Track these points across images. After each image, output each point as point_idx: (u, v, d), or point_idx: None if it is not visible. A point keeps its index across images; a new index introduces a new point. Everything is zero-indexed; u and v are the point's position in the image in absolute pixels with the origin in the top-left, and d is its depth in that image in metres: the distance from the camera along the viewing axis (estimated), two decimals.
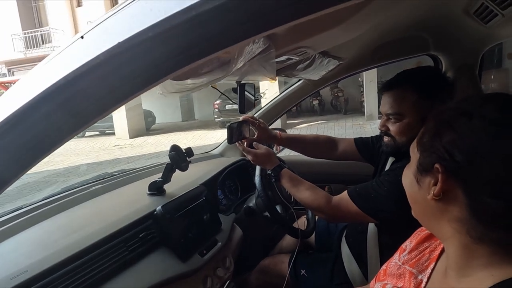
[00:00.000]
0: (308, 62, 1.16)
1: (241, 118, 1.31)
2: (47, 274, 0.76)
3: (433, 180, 0.51)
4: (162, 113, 16.06)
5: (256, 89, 1.29)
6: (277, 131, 1.43)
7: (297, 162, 1.78)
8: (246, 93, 1.11)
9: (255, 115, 1.75)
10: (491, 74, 11.37)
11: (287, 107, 1.70)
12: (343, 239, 1.28)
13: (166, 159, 1.20)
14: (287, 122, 11.27)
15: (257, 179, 1.26)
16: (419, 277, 0.62)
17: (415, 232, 0.71)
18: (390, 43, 1.37)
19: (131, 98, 0.40)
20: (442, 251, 0.61)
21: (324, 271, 1.24)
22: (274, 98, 1.71)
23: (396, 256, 0.72)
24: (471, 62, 1.36)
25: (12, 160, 0.43)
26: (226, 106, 11.74)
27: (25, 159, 0.42)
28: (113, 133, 13.85)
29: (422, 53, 1.43)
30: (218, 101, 13.43)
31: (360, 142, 1.38)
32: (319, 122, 11.20)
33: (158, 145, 10.56)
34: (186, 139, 11.13)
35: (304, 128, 10.27)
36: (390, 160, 1.18)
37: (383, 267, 0.74)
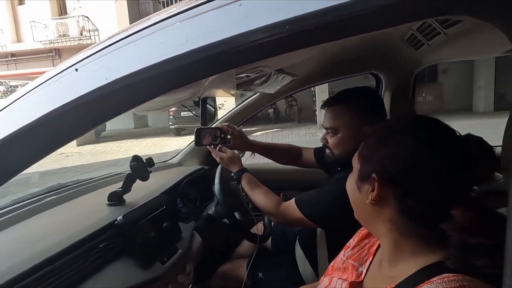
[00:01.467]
0: (264, 78, 1.25)
1: (218, 125, 1.39)
2: (12, 283, 0.76)
3: (371, 187, 0.61)
4: (112, 120, 15.39)
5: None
6: (253, 139, 1.53)
7: (257, 169, 1.86)
8: (207, 106, 1.17)
9: (216, 123, 1.81)
10: (427, 87, 12.51)
11: (244, 117, 1.79)
12: (297, 242, 1.38)
13: (118, 169, 1.22)
14: (243, 130, 11.39)
15: (216, 187, 1.32)
16: (360, 269, 0.72)
17: (358, 231, 0.82)
18: (338, 63, 1.51)
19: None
20: (379, 246, 0.72)
21: (280, 272, 1.32)
22: (232, 109, 1.79)
23: (342, 252, 0.82)
24: (405, 80, 1.55)
25: None
26: (182, 113, 11.59)
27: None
28: None
29: (365, 72, 1.60)
30: (173, 108, 13.21)
31: (318, 152, 1.51)
32: (274, 130, 11.47)
33: (109, 153, 10.12)
34: (139, 147, 10.79)
35: (259, 136, 10.46)
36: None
37: (331, 263, 0.84)
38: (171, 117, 12.10)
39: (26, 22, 10.37)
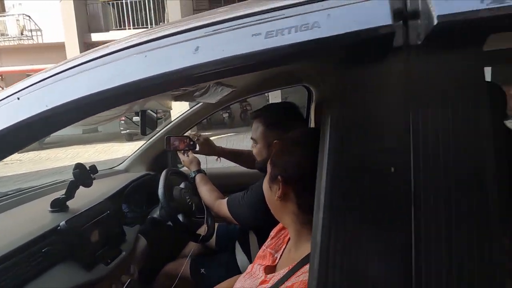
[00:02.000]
0: (203, 90, 1.37)
1: (188, 133, 1.60)
2: None
3: (277, 186, 0.76)
4: None
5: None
6: (221, 146, 1.72)
7: (218, 173, 1.99)
8: (148, 114, 1.26)
9: (164, 129, 1.91)
10: None
11: (190, 124, 1.89)
12: (237, 239, 1.51)
13: (63, 176, 1.27)
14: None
15: (160, 191, 1.41)
16: (275, 255, 0.86)
17: (278, 224, 0.97)
18: (273, 76, 1.67)
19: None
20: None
21: (220, 268, 1.44)
22: (183, 113, 1.89)
23: (265, 243, 0.96)
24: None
25: None
26: (134, 118, 11.27)
27: None
28: None
29: (298, 84, 1.78)
30: None
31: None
32: (229, 134, 11.57)
33: (55, 160, 9.55)
34: (88, 153, 10.32)
35: (215, 140, 10.48)
36: None
37: (258, 253, 0.97)
38: (123, 122, 11.72)
39: None
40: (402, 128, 0.37)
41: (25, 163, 9.49)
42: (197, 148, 1.55)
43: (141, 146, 1.99)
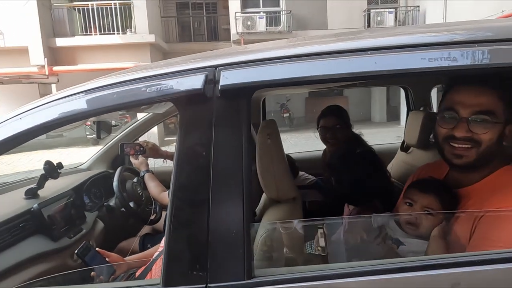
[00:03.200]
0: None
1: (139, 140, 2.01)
2: None
3: None
4: None
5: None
6: (166, 149, 2.13)
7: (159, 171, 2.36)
8: (104, 122, 1.65)
9: (120, 134, 2.28)
10: (335, 100, 14.17)
11: (141, 132, 2.28)
12: None
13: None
14: (165, 139, 11.60)
15: (114, 183, 1.79)
16: None
17: None
18: None
19: None
20: None
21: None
22: (131, 125, 2.27)
23: None
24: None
25: None
26: None
27: None
28: None
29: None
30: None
31: None
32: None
33: (17, 165, 9.41)
34: (52, 158, 10.23)
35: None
36: None
37: None
38: (88, 126, 11.70)
39: None
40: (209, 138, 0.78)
41: None
42: (146, 153, 1.94)
43: (101, 149, 2.34)
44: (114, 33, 10.34)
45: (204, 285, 0.75)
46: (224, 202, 0.77)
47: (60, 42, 9.92)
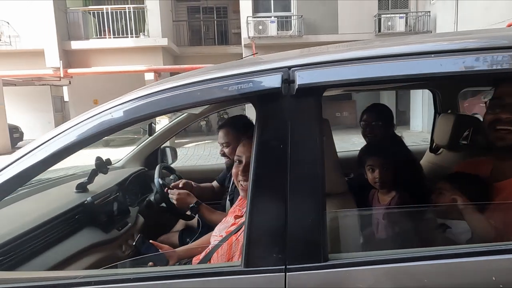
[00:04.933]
0: None
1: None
2: (19, 237, 1.22)
3: None
4: (30, 129, 14.44)
5: None
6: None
7: (184, 170, 2.43)
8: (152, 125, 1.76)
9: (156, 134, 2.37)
10: (343, 105, 14.24)
11: (175, 131, 2.36)
12: None
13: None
14: (176, 141, 11.70)
15: (156, 179, 1.88)
16: (242, 210, 1.34)
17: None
18: None
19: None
20: None
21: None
22: (166, 125, 2.36)
23: (235, 204, 1.44)
24: None
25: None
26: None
27: None
28: None
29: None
30: None
31: (218, 179, 2.22)
32: (206, 141, 11.96)
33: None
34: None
35: (192, 147, 10.87)
36: None
37: (230, 210, 1.45)
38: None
39: None
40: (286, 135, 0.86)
41: None
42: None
43: (134, 148, 2.44)
44: (127, 37, 10.52)
45: (283, 266, 0.82)
46: (301, 191, 0.84)
47: (75, 45, 10.11)
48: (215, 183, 2.28)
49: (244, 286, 0.83)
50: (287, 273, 0.82)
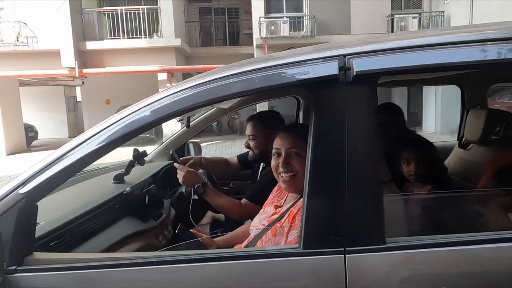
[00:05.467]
0: None
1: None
2: (66, 225, 1.26)
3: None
4: (44, 128, 14.69)
5: None
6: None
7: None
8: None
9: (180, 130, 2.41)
10: None
11: (203, 126, 2.40)
12: None
13: None
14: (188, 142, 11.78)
15: None
16: (280, 201, 1.37)
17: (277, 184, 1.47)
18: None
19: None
20: None
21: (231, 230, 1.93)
22: (195, 119, 2.39)
23: (270, 196, 1.46)
24: None
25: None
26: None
27: None
28: None
29: (288, 96, 2.31)
30: None
31: (241, 158, 2.22)
32: (217, 141, 12.04)
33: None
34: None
35: (204, 146, 10.91)
36: (261, 165, 1.98)
37: (267, 201, 1.47)
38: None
39: None
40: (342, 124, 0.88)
41: (14, 166, 9.62)
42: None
43: (162, 143, 2.48)
44: (141, 37, 10.63)
45: (342, 249, 0.84)
46: (359, 176, 0.86)
47: (90, 45, 10.26)
48: (233, 159, 2.27)
49: (304, 267, 0.85)
50: (346, 255, 0.84)
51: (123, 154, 1.76)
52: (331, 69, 0.89)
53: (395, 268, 0.82)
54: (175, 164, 1.72)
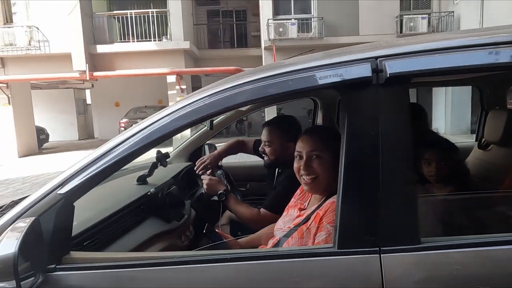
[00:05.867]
0: None
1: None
2: (103, 221, 1.29)
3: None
4: (54, 131, 14.89)
5: None
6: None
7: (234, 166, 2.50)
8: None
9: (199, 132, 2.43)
10: None
11: (222, 127, 2.43)
12: None
13: None
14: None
15: (208, 173, 1.93)
16: (304, 203, 1.38)
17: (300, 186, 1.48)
18: None
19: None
20: None
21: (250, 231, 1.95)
22: (212, 121, 2.42)
23: (292, 199, 1.47)
24: (332, 104, 2.30)
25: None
26: (134, 125, 11.71)
27: None
28: None
29: (306, 97, 2.33)
30: (124, 120, 13.24)
31: (255, 144, 2.19)
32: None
33: (56, 164, 9.77)
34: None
35: None
36: (277, 170, 1.99)
37: (289, 204, 1.48)
38: (123, 129, 12.14)
39: None
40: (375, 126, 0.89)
41: (25, 168, 9.75)
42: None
43: (180, 144, 2.51)
44: (150, 40, 10.74)
45: (377, 248, 0.85)
46: (394, 176, 0.87)
47: (101, 48, 10.39)
48: (250, 142, 2.30)
49: (339, 266, 0.86)
50: (381, 255, 0.85)
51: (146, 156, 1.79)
52: (364, 71, 0.90)
53: (432, 268, 0.83)
54: (202, 176, 1.80)
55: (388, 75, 0.88)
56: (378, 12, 10.72)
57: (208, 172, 1.96)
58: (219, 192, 1.73)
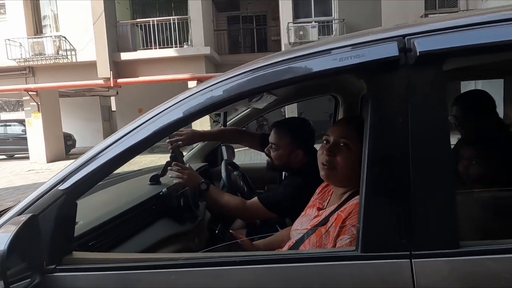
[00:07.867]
0: (259, 96, 1.81)
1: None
2: (112, 220, 1.23)
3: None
4: (81, 137, 15.36)
5: None
6: None
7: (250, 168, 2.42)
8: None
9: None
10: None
11: (246, 122, 2.38)
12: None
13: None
14: None
15: (224, 174, 1.86)
16: (323, 203, 1.27)
17: (320, 186, 1.37)
18: (305, 87, 2.10)
19: None
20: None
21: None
22: (230, 120, 2.36)
23: (311, 199, 1.37)
24: (354, 101, 2.18)
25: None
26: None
27: None
28: (24, 158, 12.78)
29: (327, 94, 2.21)
30: None
31: (260, 138, 2.02)
32: (246, 148, 12.01)
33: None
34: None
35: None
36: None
37: (308, 204, 1.37)
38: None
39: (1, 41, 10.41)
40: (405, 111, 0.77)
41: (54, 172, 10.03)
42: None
43: (196, 146, 2.46)
44: (171, 47, 10.90)
45: (408, 252, 0.74)
46: (428, 171, 0.75)
47: (124, 56, 10.64)
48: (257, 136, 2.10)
49: (363, 272, 0.75)
50: (413, 259, 0.73)
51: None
52: (391, 50, 0.79)
53: (473, 277, 0.71)
54: (170, 168, 1.57)
55: (418, 54, 0.77)
56: (402, 12, 10.41)
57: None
58: (201, 182, 1.55)
